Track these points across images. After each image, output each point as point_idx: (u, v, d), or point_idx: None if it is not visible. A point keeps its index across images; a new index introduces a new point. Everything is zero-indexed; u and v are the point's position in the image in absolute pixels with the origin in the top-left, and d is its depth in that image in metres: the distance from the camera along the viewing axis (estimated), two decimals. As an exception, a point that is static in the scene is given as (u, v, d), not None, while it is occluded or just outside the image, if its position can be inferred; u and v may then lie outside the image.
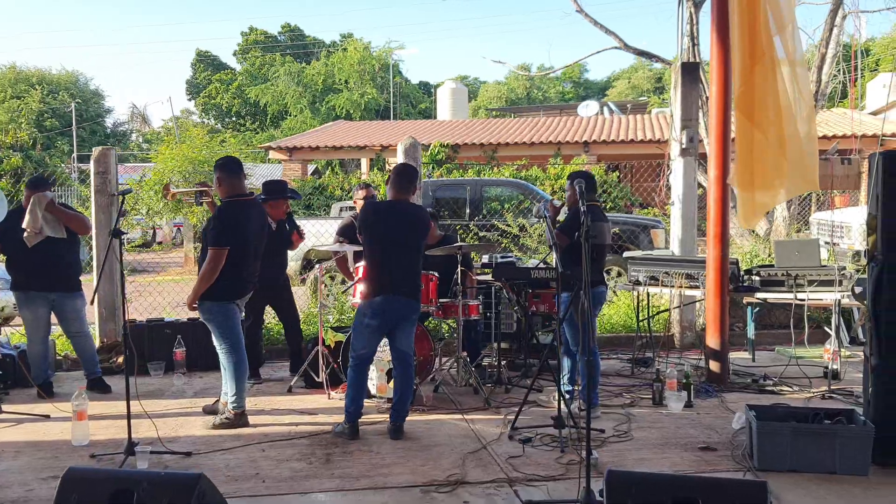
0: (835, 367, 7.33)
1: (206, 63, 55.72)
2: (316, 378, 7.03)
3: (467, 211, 12.65)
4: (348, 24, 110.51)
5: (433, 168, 21.76)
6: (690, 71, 9.06)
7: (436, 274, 6.86)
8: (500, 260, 8.13)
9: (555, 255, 5.73)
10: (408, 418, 6.01)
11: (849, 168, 8.72)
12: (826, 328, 7.44)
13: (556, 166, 20.39)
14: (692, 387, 6.66)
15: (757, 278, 7.45)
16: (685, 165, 8.94)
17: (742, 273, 7.58)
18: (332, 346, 7.14)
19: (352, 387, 5.72)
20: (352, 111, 44.63)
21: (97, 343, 8.10)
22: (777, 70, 6.67)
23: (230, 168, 5.94)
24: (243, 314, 6.14)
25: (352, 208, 20.41)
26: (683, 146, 8.91)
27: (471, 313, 7.08)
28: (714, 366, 7.32)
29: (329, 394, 6.83)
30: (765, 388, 7.20)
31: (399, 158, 8.90)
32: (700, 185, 9.87)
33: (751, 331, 8.56)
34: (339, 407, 6.14)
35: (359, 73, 47.20)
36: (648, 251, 10.30)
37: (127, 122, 54.90)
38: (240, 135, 43.57)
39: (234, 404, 5.89)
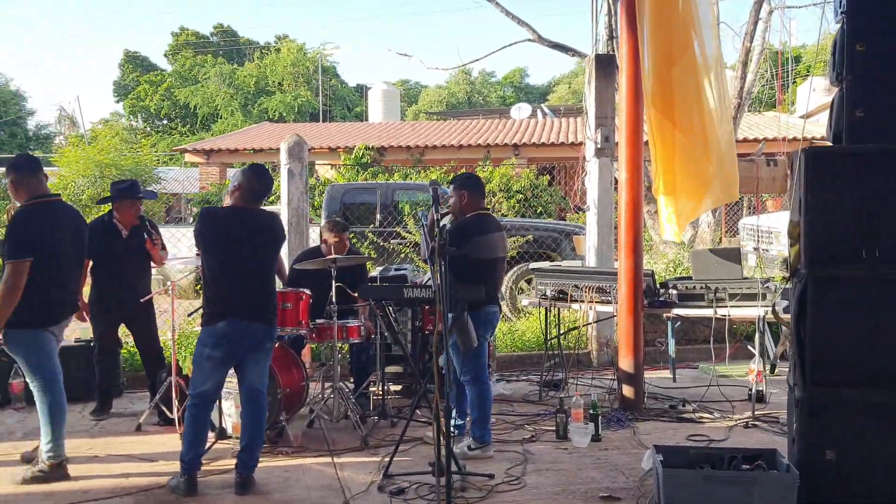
0: (760, 388, 6.61)
1: (135, 64, 53.79)
2: (169, 414, 6.05)
3: (378, 217, 11.72)
4: (283, 26, 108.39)
5: (358, 171, 20.81)
6: (605, 64, 8.30)
7: (307, 292, 5.94)
8: (393, 273, 7.25)
9: (429, 271, 4.89)
10: (269, 464, 5.15)
11: (775, 170, 8.03)
12: (751, 346, 6.72)
13: (486, 169, 19.62)
14: (599, 417, 5.85)
15: (674, 292, 6.69)
16: (601, 167, 8.18)
17: (657, 286, 6.81)
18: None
19: (189, 431, 4.77)
20: (285, 114, 43.35)
21: None
22: (698, 71, 5.96)
23: (25, 167, 4.94)
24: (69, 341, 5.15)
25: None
26: (598, 146, 8.15)
27: (350, 335, 6.15)
28: (627, 391, 6.52)
29: (182, 433, 5.84)
30: (683, 415, 6.43)
31: (283, 159, 7.97)
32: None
33: (671, 348, 7.81)
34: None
35: (292, 74, 45.99)
36: (567, 260, 9.54)
37: (54, 125, 52.78)
38: (169, 137, 42.08)
39: (50, 454, 4.88)
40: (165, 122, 49.99)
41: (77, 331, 7.13)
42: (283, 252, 7.50)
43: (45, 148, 45.98)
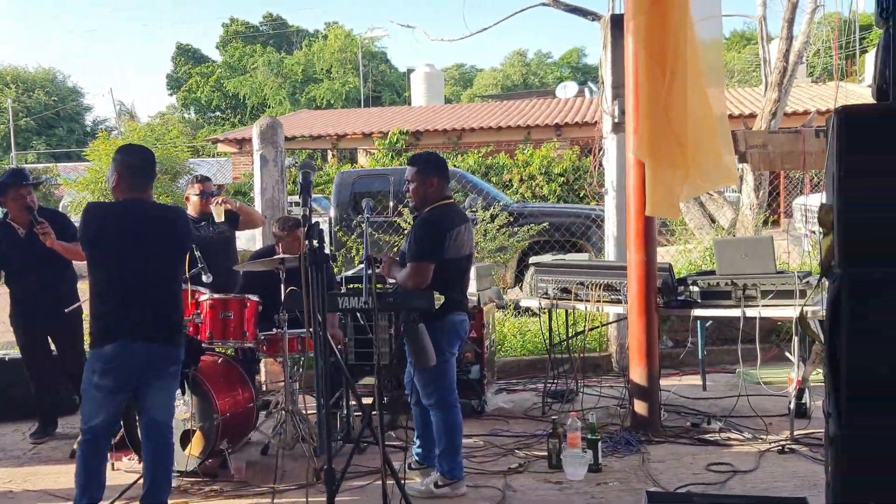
0: (802, 401, 5.52)
1: (187, 56, 53.87)
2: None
3: (391, 205, 10.77)
4: (334, 13, 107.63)
5: (392, 157, 19.96)
6: (622, 26, 7.20)
7: (253, 298, 5.06)
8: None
9: (365, 273, 3.99)
10: (198, 504, 4.28)
11: (825, 142, 6.82)
12: (788, 353, 5.64)
13: (526, 152, 18.60)
14: (599, 443, 4.86)
15: (696, 289, 5.61)
16: (619, 144, 7.09)
17: (676, 283, 5.74)
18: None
19: (80, 472, 3.93)
20: (333, 101, 42.80)
21: None
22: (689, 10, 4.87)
23: None
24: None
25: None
26: (616, 120, 7.06)
27: (310, 347, 5.24)
28: (640, 407, 5.49)
29: (112, 463, 5.02)
30: (706, 435, 5.39)
31: (255, 144, 7.10)
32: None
33: (701, 350, 6.73)
34: (115, 485, 4.42)
35: (340, 61, 45.36)
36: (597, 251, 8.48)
37: (114, 119, 53.15)
38: (221, 129, 41.80)
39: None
40: (217, 113, 49.94)
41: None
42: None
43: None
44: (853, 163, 3.20)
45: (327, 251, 3.31)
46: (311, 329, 3.43)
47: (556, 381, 6.35)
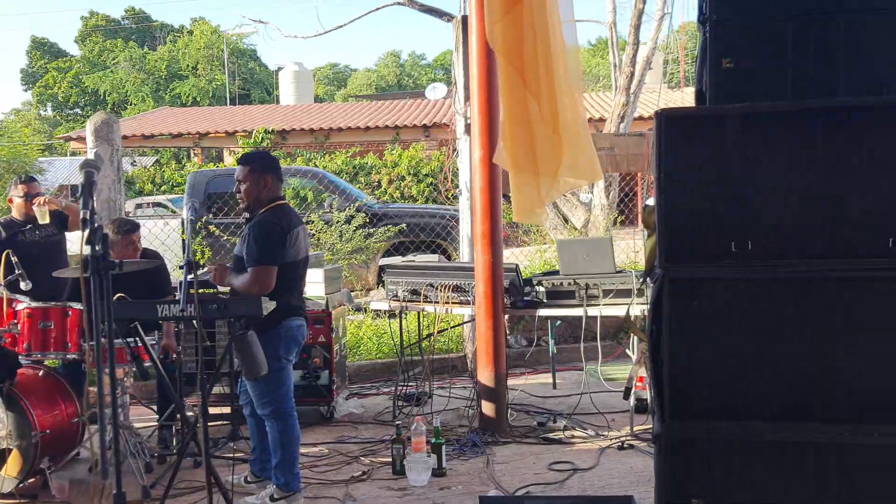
0: (642, 397, 5.64)
1: (44, 50, 51.14)
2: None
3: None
4: (199, 9, 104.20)
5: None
6: (473, 26, 7.20)
7: (76, 306, 4.73)
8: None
9: (184, 279, 3.79)
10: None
11: (639, 142, 6.99)
12: (628, 350, 5.77)
13: (394, 153, 18.53)
14: (444, 447, 4.80)
15: (542, 289, 5.66)
16: (472, 145, 7.09)
17: (523, 283, 5.77)
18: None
19: None
20: (199, 98, 41.50)
21: None
22: (547, 16, 4.85)
23: None
24: None
25: (140, 206, 18.05)
26: (468, 121, 7.04)
27: (143, 357, 4.95)
28: (488, 408, 5.49)
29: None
30: (551, 434, 5.43)
31: (88, 142, 6.74)
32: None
33: (552, 349, 6.81)
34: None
35: (207, 58, 44.06)
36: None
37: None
38: (80, 126, 39.80)
39: None
40: (77, 110, 47.60)
41: None
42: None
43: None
44: (672, 164, 3.24)
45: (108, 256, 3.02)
46: (92, 342, 3.17)
47: (406, 384, 6.27)
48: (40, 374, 4.77)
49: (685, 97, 21.86)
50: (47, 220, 5.44)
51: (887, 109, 2.98)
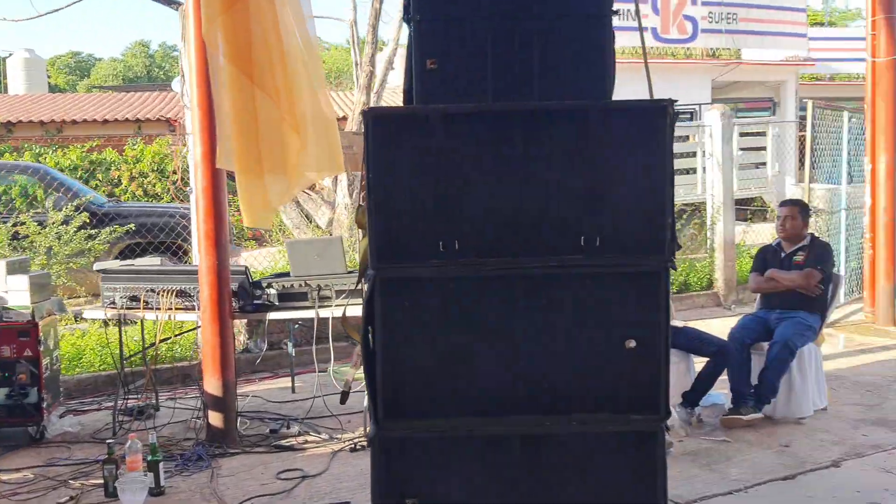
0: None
1: None
2: None
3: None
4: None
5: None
6: (202, 17, 6.87)
7: None
8: None
9: None
10: None
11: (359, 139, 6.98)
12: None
13: (136, 148, 17.48)
14: (161, 464, 4.50)
15: (273, 291, 5.49)
16: (194, 141, 6.76)
17: (253, 286, 5.57)
18: None
19: None
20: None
21: None
22: (277, 13, 4.66)
23: None
24: None
25: None
26: (197, 116, 6.72)
27: None
28: (215, 418, 5.24)
29: None
30: (284, 441, 5.28)
31: None
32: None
33: (291, 351, 6.66)
34: None
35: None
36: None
37: None
38: None
39: None
40: None
41: None
42: None
43: None
44: (380, 164, 3.20)
45: None
46: None
47: (127, 397, 5.85)
48: None
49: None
50: None
51: (574, 114, 3.12)
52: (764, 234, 11.30)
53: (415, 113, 3.24)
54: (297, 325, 6.68)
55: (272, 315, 5.50)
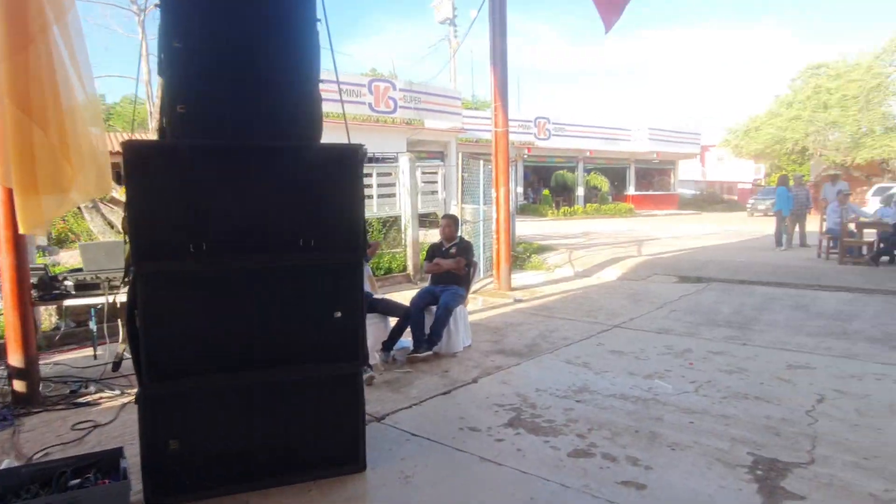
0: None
1: None
2: None
3: None
4: None
5: None
6: None
7: None
8: None
9: None
10: None
11: None
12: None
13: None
14: (-44, 430, 3.47)
15: (69, 283, 4.50)
16: None
17: (52, 279, 4.53)
18: None
19: None
20: None
21: None
22: (54, 58, 3.74)
23: None
24: None
25: None
26: None
27: None
28: (19, 385, 4.16)
29: None
30: (81, 399, 4.34)
31: None
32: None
33: (93, 327, 5.55)
34: None
35: None
36: None
37: None
38: None
39: None
40: None
41: None
42: None
43: None
44: (137, 185, 2.66)
45: None
46: None
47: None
48: None
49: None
50: None
51: (294, 151, 2.78)
52: (436, 236, 11.59)
53: (167, 145, 2.70)
54: (98, 307, 5.58)
55: (69, 301, 4.51)
